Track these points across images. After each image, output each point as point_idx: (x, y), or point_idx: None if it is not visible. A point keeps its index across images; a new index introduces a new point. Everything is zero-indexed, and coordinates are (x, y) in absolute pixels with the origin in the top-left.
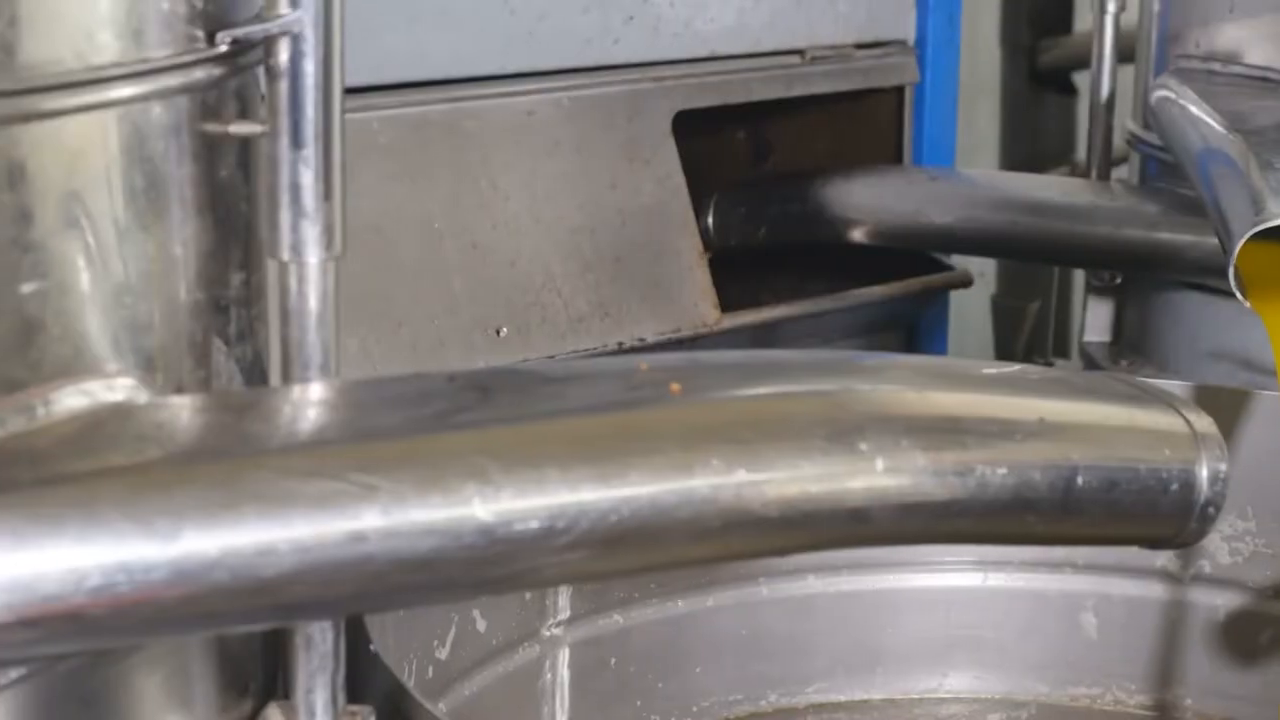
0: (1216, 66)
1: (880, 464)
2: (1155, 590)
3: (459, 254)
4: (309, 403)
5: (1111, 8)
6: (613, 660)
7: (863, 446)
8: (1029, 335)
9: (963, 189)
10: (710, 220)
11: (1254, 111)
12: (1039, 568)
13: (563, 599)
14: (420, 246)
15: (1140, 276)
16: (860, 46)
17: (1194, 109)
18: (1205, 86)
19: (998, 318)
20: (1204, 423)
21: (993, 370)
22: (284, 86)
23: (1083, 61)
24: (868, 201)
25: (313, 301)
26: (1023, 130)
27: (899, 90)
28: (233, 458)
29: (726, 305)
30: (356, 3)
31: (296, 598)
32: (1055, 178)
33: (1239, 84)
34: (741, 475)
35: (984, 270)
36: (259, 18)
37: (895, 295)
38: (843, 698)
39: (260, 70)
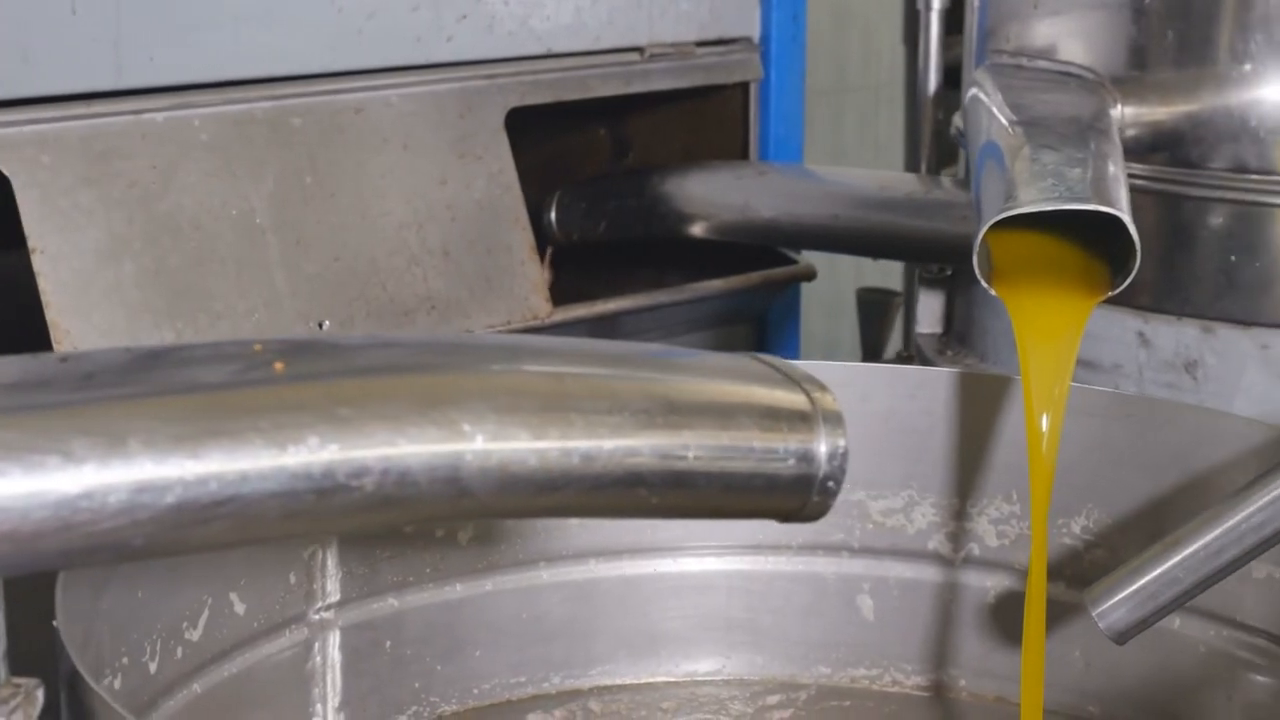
0: (1024, 61)
1: (481, 441)
2: (928, 573)
3: (282, 249)
4: None
5: (936, 4)
6: (388, 643)
7: (465, 425)
8: (894, 327)
9: (790, 183)
10: (553, 215)
11: (1038, 104)
12: (816, 551)
13: (331, 583)
14: (242, 242)
15: (964, 269)
16: (703, 44)
17: (991, 104)
18: (1009, 81)
19: (863, 310)
20: (827, 401)
21: (616, 350)
22: None
23: None
24: (701, 196)
25: None
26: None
27: (744, 87)
28: None
29: (586, 298)
30: (178, 1)
31: None
32: (885, 172)
33: (1041, 78)
34: (334, 451)
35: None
36: None
37: (735, 289)
38: (626, 680)
39: None
